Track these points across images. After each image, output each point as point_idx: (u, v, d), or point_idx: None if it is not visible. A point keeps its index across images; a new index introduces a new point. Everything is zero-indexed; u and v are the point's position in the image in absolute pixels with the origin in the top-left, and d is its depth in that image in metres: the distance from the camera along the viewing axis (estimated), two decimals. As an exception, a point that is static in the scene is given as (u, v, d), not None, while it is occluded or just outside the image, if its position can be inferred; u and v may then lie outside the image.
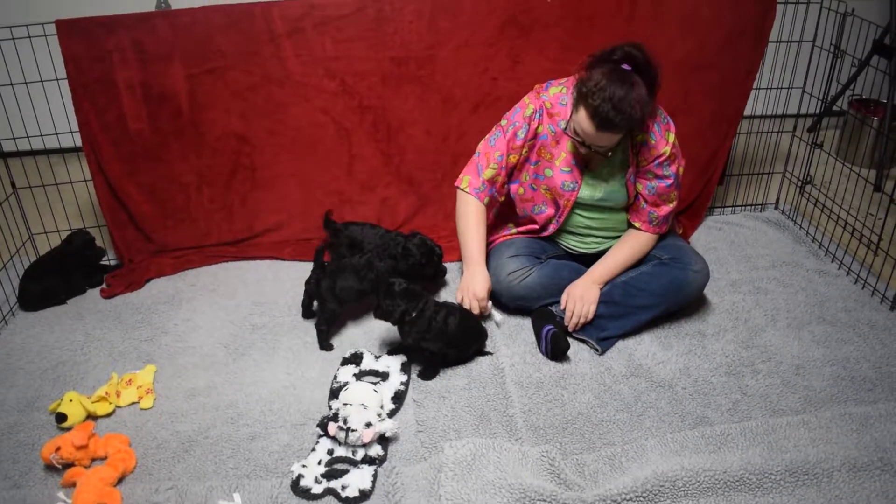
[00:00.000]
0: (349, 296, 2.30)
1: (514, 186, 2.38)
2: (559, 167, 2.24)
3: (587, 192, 2.25)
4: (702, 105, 2.73)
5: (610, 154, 2.12)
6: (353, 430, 1.87)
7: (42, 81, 2.46)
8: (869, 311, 2.42)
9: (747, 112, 2.83)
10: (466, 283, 2.28)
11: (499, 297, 2.37)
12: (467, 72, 2.63)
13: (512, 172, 2.34)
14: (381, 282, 2.17)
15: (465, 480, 1.76)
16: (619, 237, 2.35)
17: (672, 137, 2.17)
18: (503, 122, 2.31)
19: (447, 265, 2.57)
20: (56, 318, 2.45)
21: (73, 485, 1.81)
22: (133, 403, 2.10)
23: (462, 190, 2.34)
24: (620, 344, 2.28)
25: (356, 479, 1.81)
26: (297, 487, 1.80)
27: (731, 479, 1.78)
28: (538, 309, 2.34)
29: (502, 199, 2.44)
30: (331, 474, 1.83)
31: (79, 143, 2.55)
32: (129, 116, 2.52)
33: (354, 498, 1.77)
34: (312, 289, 2.33)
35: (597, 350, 2.24)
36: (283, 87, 2.58)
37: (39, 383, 2.18)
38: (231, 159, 2.65)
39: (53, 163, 2.76)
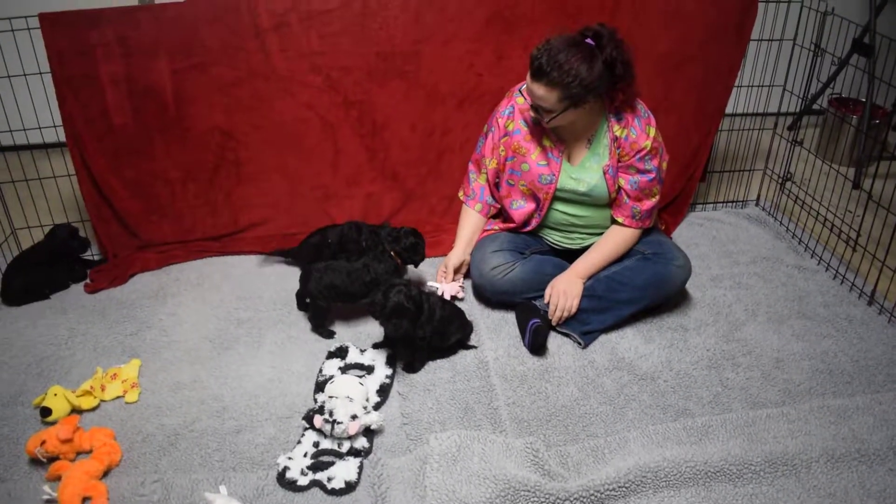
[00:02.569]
0: (336, 295, 2.30)
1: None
2: (535, 161, 2.28)
3: (570, 185, 2.28)
4: (684, 101, 2.76)
5: (548, 122, 2.14)
6: (338, 423, 1.88)
7: (25, 75, 2.45)
8: (847, 306, 2.46)
9: (729, 109, 2.86)
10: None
11: (482, 291, 2.40)
12: (452, 67, 2.64)
13: (498, 173, 2.41)
14: (383, 285, 2.15)
15: (451, 472, 1.78)
16: (602, 233, 2.37)
17: (653, 132, 2.20)
18: (485, 128, 2.41)
19: (431, 259, 2.61)
20: (39, 313, 2.44)
21: (59, 478, 1.81)
22: (118, 397, 2.10)
23: (461, 201, 2.55)
24: (603, 338, 2.31)
25: (342, 471, 1.82)
26: (283, 479, 1.81)
27: (711, 469, 1.81)
28: (522, 303, 2.35)
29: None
30: (316, 466, 1.84)
31: (62, 137, 2.54)
32: (113, 111, 2.51)
33: (340, 489, 1.78)
34: (301, 286, 2.34)
35: (580, 344, 2.27)
36: (268, 81, 2.58)
37: (23, 378, 2.17)
38: (215, 154, 2.65)
39: (37, 158, 2.74)
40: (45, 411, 2.00)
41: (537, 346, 2.22)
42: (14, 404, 2.07)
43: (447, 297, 2.37)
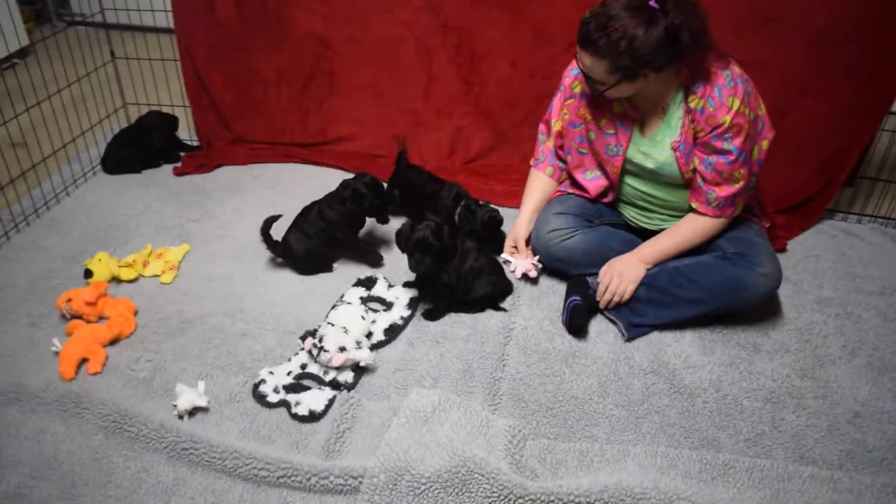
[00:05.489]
0: (299, 252, 2.19)
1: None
2: (603, 129, 2.00)
3: (638, 159, 1.98)
4: (840, 87, 2.27)
5: (601, 93, 1.85)
6: (325, 351, 1.82)
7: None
8: (982, 373, 1.96)
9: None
10: None
11: (537, 254, 2.18)
12: (566, 4, 2.35)
13: (561, 136, 2.16)
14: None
15: (414, 431, 1.65)
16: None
17: (737, 104, 1.80)
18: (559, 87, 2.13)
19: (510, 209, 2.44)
20: (126, 185, 2.60)
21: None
22: (156, 276, 2.18)
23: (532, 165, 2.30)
24: (654, 335, 2.02)
25: (311, 400, 1.77)
26: (256, 391, 1.79)
27: (709, 517, 1.53)
28: (576, 277, 2.11)
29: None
30: (292, 387, 1.81)
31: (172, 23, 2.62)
32: (218, 1, 2.54)
33: (303, 416, 1.74)
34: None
35: (623, 335, 2.00)
36: (367, -8, 2.48)
37: (88, 239, 2.32)
38: (310, 62, 2.62)
39: (150, 40, 2.86)
40: (88, 273, 2.12)
41: (575, 328, 1.99)
42: (71, 261, 2.23)
43: (518, 274, 2.17)
